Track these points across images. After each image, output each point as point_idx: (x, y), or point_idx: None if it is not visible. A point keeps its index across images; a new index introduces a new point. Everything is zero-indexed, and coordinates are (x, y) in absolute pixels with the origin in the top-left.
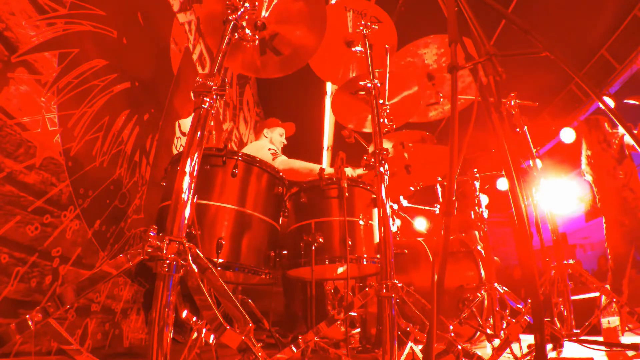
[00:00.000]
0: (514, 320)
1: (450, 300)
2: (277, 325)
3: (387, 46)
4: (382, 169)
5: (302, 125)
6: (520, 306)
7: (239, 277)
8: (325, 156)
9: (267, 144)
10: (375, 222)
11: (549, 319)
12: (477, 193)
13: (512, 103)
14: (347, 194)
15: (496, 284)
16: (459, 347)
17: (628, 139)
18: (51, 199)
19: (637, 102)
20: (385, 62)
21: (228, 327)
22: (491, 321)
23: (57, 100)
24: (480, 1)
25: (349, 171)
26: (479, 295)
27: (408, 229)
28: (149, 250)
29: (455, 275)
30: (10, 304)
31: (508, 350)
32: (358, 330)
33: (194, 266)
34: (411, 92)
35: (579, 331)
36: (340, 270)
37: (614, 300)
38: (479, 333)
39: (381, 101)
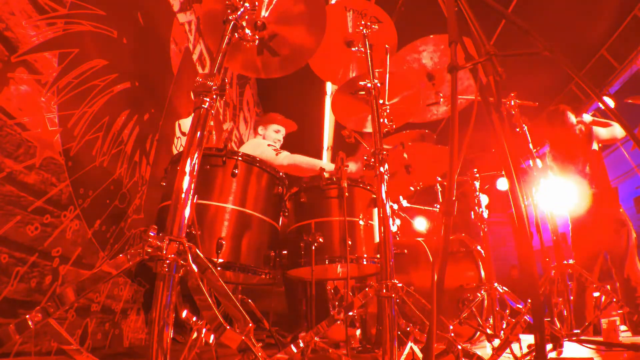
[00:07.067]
0: (514, 320)
1: (450, 300)
2: (277, 325)
3: (387, 46)
4: (382, 169)
5: (302, 125)
6: (520, 306)
7: (239, 277)
8: (325, 156)
9: (262, 141)
10: (375, 222)
11: (549, 319)
12: (477, 193)
13: (512, 103)
14: (347, 194)
15: (496, 284)
16: (459, 347)
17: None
18: (51, 199)
19: (637, 102)
20: (385, 62)
21: (228, 327)
22: (491, 321)
23: (57, 100)
24: (480, 1)
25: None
26: (479, 295)
27: (408, 229)
28: (149, 250)
29: (455, 275)
30: (10, 304)
31: (508, 350)
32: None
33: (194, 266)
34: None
35: (579, 331)
36: (340, 270)
37: (614, 300)
38: (479, 333)
39: (381, 101)
